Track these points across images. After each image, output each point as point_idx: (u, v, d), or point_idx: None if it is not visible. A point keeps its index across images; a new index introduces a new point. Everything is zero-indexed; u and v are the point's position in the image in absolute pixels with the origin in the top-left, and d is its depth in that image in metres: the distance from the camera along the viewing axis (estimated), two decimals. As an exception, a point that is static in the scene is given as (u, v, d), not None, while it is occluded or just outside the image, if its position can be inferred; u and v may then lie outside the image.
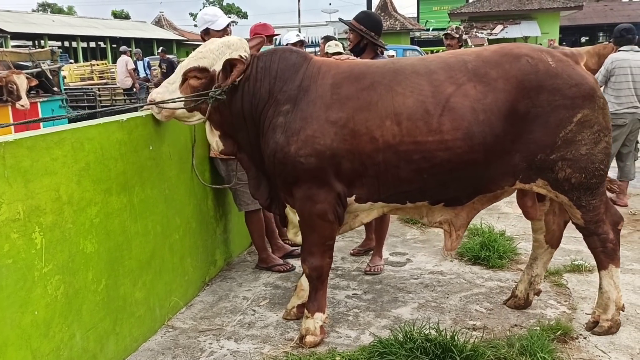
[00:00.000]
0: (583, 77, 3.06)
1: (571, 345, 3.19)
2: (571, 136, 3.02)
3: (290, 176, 3.12)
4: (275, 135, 3.09)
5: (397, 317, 3.60)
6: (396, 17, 38.06)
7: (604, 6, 41.69)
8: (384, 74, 3.10)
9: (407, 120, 2.97)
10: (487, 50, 3.17)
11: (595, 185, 3.13)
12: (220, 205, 4.43)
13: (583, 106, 3.01)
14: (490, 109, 2.96)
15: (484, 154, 3.00)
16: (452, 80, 3.01)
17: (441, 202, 3.28)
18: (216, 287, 4.17)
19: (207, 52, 3.20)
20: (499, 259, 4.38)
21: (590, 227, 3.23)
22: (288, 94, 3.12)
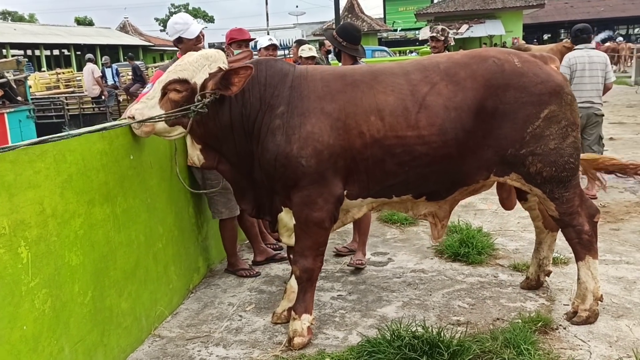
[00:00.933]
0: (550, 75, 3.22)
1: (552, 335, 3.29)
2: (539, 131, 3.19)
3: (291, 179, 3.16)
4: (275, 138, 3.13)
5: (383, 316, 3.66)
6: (363, 19, 38.34)
7: (564, 4, 42.74)
8: (364, 74, 3.27)
9: (389, 116, 3.12)
10: (459, 54, 3.39)
11: (566, 178, 3.28)
12: (201, 213, 4.43)
13: (550, 102, 3.18)
14: (460, 107, 3.14)
15: (457, 148, 3.17)
16: (427, 80, 3.19)
17: (423, 195, 3.43)
18: (200, 295, 4.17)
19: (187, 65, 3.18)
20: (477, 255, 4.48)
21: (565, 219, 3.36)
22: (281, 97, 3.18)
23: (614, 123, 11.28)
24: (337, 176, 3.18)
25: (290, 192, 3.22)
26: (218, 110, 3.18)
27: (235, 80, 3.09)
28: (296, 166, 3.11)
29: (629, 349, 3.07)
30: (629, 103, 14.20)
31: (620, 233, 4.92)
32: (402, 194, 3.38)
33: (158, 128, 3.19)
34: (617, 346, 3.13)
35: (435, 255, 4.66)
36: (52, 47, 37.66)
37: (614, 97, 15.68)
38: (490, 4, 30.63)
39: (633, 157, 7.98)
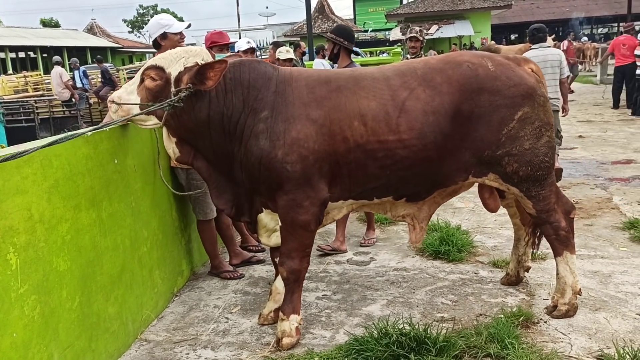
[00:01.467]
0: (522, 77, 3.32)
1: (533, 329, 3.39)
2: (514, 133, 3.28)
3: (275, 182, 3.18)
4: (259, 142, 3.14)
5: (369, 315, 3.71)
6: (334, 20, 38.47)
7: (530, 4, 43.59)
8: (347, 79, 3.30)
9: (372, 120, 3.17)
10: (434, 59, 3.46)
11: (542, 176, 3.38)
12: (184, 215, 4.42)
13: (523, 104, 3.28)
14: (438, 111, 3.22)
15: (436, 151, 3.24)
16: (406, 85, 3.26)
17: (404, 197, 3.48)
18: (185, 298, 4.16)
19: (167, 55, 3.22)
20: (458, 252, 4.57)
21: (542, 216, 3.47)
22: (265, 101, 3.18)
23: (582, 121, 11.58)
24: (322, 180, 3.21)
25: (275, 195, 3.24)
26: (194, 105, 3.15)
27: (210, 75, 3.06)
28: (281, 171, 3.13)
29: (608, 341, 3.18)
30: (595, 102, 14.57)
31: (594, 228, 5.07)
32: (383, 196, 3.43)
33: (132, 113, 3.19)
34: (596, 338, 3.24)
35: (416, 254, 4.74)
36: (17, 49, 36.82)
37: (581, 95, 16.10)
38: (459, 5, 31.08)
39: (602, 154, 8.26)
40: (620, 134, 9.80)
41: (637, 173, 7.03)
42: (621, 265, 4.23)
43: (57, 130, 13.17)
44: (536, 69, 3.49)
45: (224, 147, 3.26)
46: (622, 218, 5.28)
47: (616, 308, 3.57)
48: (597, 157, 8.08)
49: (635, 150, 8.43)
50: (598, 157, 8.13)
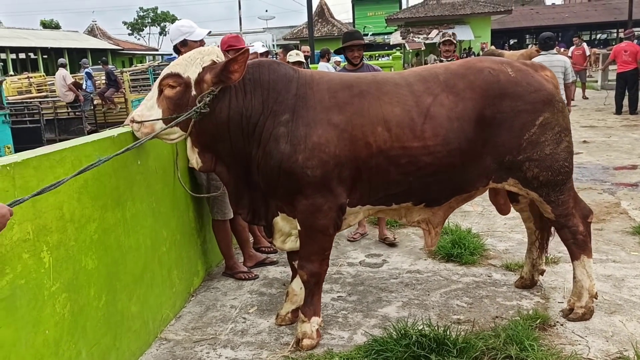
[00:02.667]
0: (541, 83, 3.37)
1: (550, 332, 3.43)
2: (535, 138, 3.32)
3: (295, 187, 3.17)
4: (279, 145, 3.12)
5: (385, 316, 3.75)
6: (334, 23, 38.62)
7: (530, 10, 43.79)
8: (369, 84, 3.29)
9: (396, 127, 3.17)
10: (454, 64, 3.47)
11: (562, 181, 3.42)
12: (201, 216, 4.46)
13: (543, 110, 3.32)
14: (461, 117, 3.23)
15: (460, 157, 3.25)
16: (429, 91, 3.27)
17: (423, 202, 3.49)
18: (201, 298, 4.20)
19: (180, 60, 3.19)
20: (470, 255, 4.61)
21: (560, 221, 3.51)
22: (285, 103, 3.16)
23: (585, 127, 11.65)
24: (341, 185, 3.20)
25: (294, 199, 3.24)
26: (215, 106, 3.13)
27: (235, 67, 3.04)
28: (302, 176, 3.12)
29: (625, 343, 3.22)
30: (597, 107, 14.65)
31: (604, 233, 5.12)
32: (403, 202, 3.43)
33: (157, 129, 3.16)
34: (613, 341, 3.28)
35: (428, 257, 4.78)
36: (18, 50, 36.78)
37: (583, 101, 16.18)
38: (459, 9, 31.21)
39: (607, 159, 8.32)
40: (624, 140, 9.87)
41: (643, 178, 7.09)
42: (633, 270, 4.27)
43: (62, 132, 13.19)
44: (551, 75, 3.53)
45: (242, 150, 3.24)
46: (632, 223, 5.33)
47: (631, 312, 3.62)
48: (603, 163, 8.14)
49: (639, 155, 8.50)
50: (603, 162, 8.19)
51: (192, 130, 3.14)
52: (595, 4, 43.72)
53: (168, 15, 65.24)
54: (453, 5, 31.46)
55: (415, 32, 30.73)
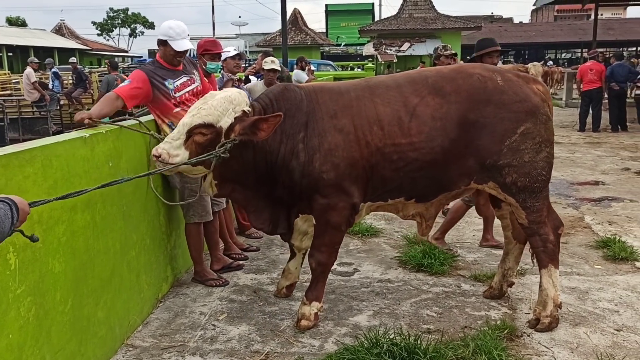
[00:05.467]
0: (528, 95, 3.51)
1: (517, 342, 3.48)
2: (515, 145, 3.46)
3: (313, 189, 3.46)
4: (299, 159, 3.42)
5: (356, 325, 3.75)
6: (307, 32, 38.64)
7: (499, 27, 44.77)
8: (364, 89, 3.57)
9: (388, 125, 3.42)
10: (446, 69, 3.70)
11: (538, 189, 3.55)
12: (171, 221, 4.39)
13: (526, 120, 3.47)
14: (445, 117, 3.44)
15: (442, 154, 3.45)
16: (417, 93, 3.49)
17: (413, 198, 3.68)
18: (170, 304, 4.13)
19: (211, 109, 3.30)
20: (440, 265, 4.65)
21: (533, 227, 3.61)
22: (299, 123, 3.45)
23: (550, 142, 11.89)
24: (352, 185, 3.47)
25: (312, 199, 3.52)
26: (242, 151, 3.37)
27: (264, 127, 3.27)
28: (319, 179, 3.41)
29: (590, 355, 3.29)
30: (562, 124, 15.01)
31: (569, 246, 5.23)
32: (396, 197, 3.66)
33: (181, 168, 3.34)
34: (578, 352, 3.35)
35: (399, 266, 4.81)
36: (-19, 47, 35.85)
37: (548, 118, 16.52)
38: (430, 24, 31.60)
39: (571, 175, 8.53)
40: (587, 156, 10.13)
41: (606, 194, 7.29)
42: (597, 283, 4.38)
43: (26, 131, 12.87)
44: (544, 90, 3.65)
45: (266, 177, 3.53)
46: (595, 237, 5.47)
47: (595, 323, 3.70)
48: (567, 178, 8.34)
49: (602, 172, 8.74)
50: (568, 177, 8.39)
51: (216, 168, 3.37)
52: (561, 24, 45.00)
53: (139, 17, 64.48)
54: (425, 20, 31.85)
55: (388, 44, 30.98)
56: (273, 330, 3.70)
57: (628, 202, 6.84)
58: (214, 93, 3.47)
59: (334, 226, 3.56)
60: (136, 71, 4.15)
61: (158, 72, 4.13)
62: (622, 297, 4.10)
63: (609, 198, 7.08)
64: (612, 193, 7.34)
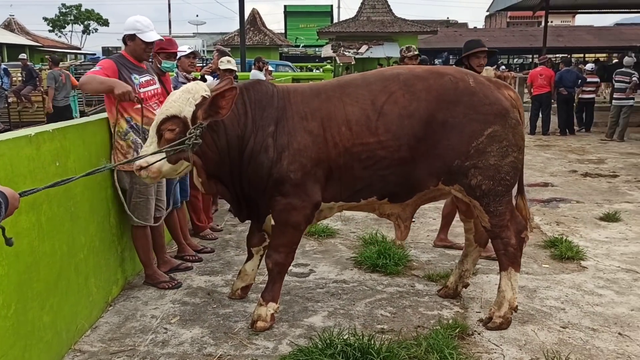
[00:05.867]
0: (498, 99, 3.56)
1: (468, 341, 3.54)
2: (482, 147, 3.50)
3: (278, 188, 3.46)
4: (268, 155, 3.42)
5: (311, 326, 3.74)
6: (265, 33, 38.52)
7: (454, 31, 45.55)
8: (334, 89, 3.57)
9: (356, 125, 3.43)
10: (420, 68, 3.75)
11: (501, 192, 3.58)
12: (122, 222, 4.28)
13: (494, 123, 3.50)
14: (413, 115, 3.46)
15: (410, 152, 3.47)
16: (386, 89, 3.50)
17: (385, 197, 3.68)
18: (120, 307, 4.03)
19: (171, 103, 3.40)
20: (395, 266, 4.69)
21: (495, 231, 3.66)
22: (270, 117, 3.47)
23: (502, 145, 12.19)
24: (316, 185, 3.49)
25: (272, 199, 3.52)
26: (214, 137, 3.42)
27: (223, 103, 3.30)
28: (286, 179, 3.42)
29: (537, 352, 3.38)
30: (514, 127, 15.39)
31: (519, 246, 5.35)
32: (368, 197, 3.66)
33: (165, 170, 3.41)
34: (526, 349, 3.43)
35: (354, 266, 4.83)
36: None
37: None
38: (388, 27, 31.95)
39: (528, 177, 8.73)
40: (537, 159, 10.42)
41: (554, 195, 7.51)
42: (544, 281, 4.50)
43: (-29, 130, 12.35)
44: (515, 96, 3.70)
45: (239, 167, 3.52)
46: (543, 237, 5.62)
47: (542, 321, 3.80)
48: (518, 180, 8.54)
49: (551, 174, 9.00)
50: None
51: (195, 161, 3.41)
52: (513, 30, 46.13)
53: (92, 14, 62.77)
54: (382, 23, 32.17)
55: (346, 47, 31.14)
56: (227, 332, 3.66)
57: (575, 203, 7.07)
58: (174, 92, 3.51)
59: (294, 226, 3.56)
60: (106, 60, 4.15)
61: (126, 65, 4.13)
62: (568, 295, 4.23)
63: (557, 199, 7.30)
64: (560, 194, 7.58)
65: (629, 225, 6.07)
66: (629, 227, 6.00)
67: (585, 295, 4.24)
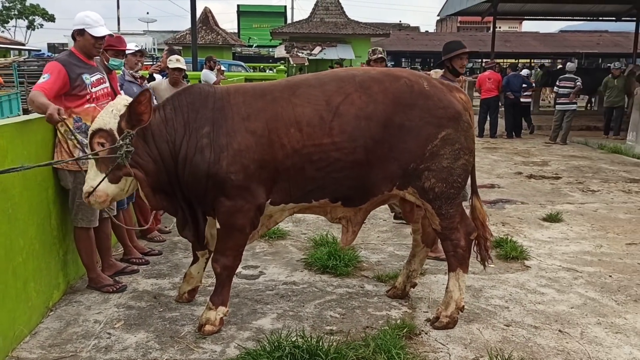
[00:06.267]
0: (451, 102, 3.60)
1: (416, 340, 3.59)
2: (436, 150, 3.53)
3: (219, 190, 3.39)
4: (204, 156, 3.34)
5: (259, 328, 3.71)
6: (218, 32, 38.06)
7: (406, 35, 46.27)
8: (283, 89, 3.50)
9: (307, 126, 3.38)
10: (375, 70, 3.73)
11: (453, 195, 3.63)
12: (64, 224, 4.14)
13: (448, 126, 3.55)
14: (370, 117, 3.44)
15: (365, 155, 3.44)
16: (342, 90, 3.47)
17: (339, 200, 3.64)
18: (62, 312, 3.89)
19: (97, 119, 3.44)
20: (345, 267, 4.71)
21: (445, 233, 3.72)
22: (205, 118, 3.39)
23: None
24: (260, 187, 3.42)
25: (217, 201, 3.44)
26: (145, 148, 3.39)
27: (141, 109, 3.30)
28: (226, 180, 3.34)
29: (481, 350, 3.45)
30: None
31: (466, 246, 5.46)
32: (320, 199, 3.60)
33: (111, 192, 3.42)
34: (471, 347, 3.50)
35: (304, 268, 4.82)
36: None
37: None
38: (341, 29, 32.15)
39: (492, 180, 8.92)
40: (485, 161, 10.68)
41: (501, 196, 7.71)
42: (490, 281, 4.61)
43: None
44: (466, 99, 3.75)
45: (176, 174, 3.45)
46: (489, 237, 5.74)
47: (487, 320, 3.89)
48: (466, 181, 8.73)
49: (498, 175, 9.24)
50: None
51: (136, 173, 3.36)
52: (463, 35, 47.15)
53: (37, 9, 60.65)
54: (336, 25, 32.34)
55: (300, 47, 31.15)
56: (173, 336, 3.58)
57: (519, 204, 7.28)
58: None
59: (239, 229, 3.50)
60: (52, 63, 3.98)
61: (75, 64, 3.99)
62: (512, 294, 4.35)
63: (502, 200, 7.50)
64: (505, 195, 7.78)
65: (570, 225, 6.29)
66: (570, 227, 6.22)
67: (528, 294, 4.36)
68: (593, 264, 5.05)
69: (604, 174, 9.37)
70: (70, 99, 3.93)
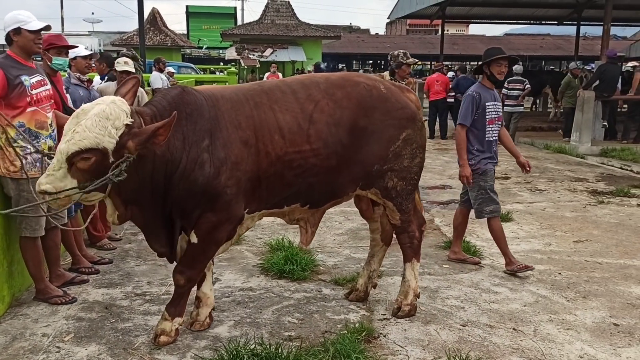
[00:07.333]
0: (407, 102, 3.73)
1: (375, 343, 3.59)
2: (398, 151, 3.66)
3: (210, 207, 3.24)
4: (204, 170, 3.17)
5: (216, 337, 3.63)
6: (167, 33, 37.41)
7: (357, 37, 46.70)
8: (260, 95, 3.44)
9: (289, 133, 3.37)
10: (334, 76, 3.75)
11: (411, 191, 3.83)
12: (8, 234, 3.96)
13: (407, 126, 3.68)
14: (338, 123, 3.50)
15: (336, 160, 3.51)
16: (311, 98, 3.49)
17: (308, 204, 3.66)
18: (7, 326, 3.71)
19: (85, 132, 2.88)
20: (302, 271, 4.68)
21: (403, 226, 3.88)
22: (203, 130, 3.21)
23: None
24: (242, 198, 3.33)
25: (201, 217, 3.28)
26: (138, 166, 3.03)
27: (161, 131, 2.92)
28: (221, 195, 3.22)
29: (439, 350, 3.49)
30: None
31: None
32: (293, 204, 3.60)
33: (75, 198, 3.00)
34: (429, 349, 3.53)
35: (261, 273, 4.76)
36: None
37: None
38: (292, 31, 32.15)
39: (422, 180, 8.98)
40: (436, 162, 10.86)
41: (453, 197, 7.84)
42: (445, 281, 4.67)
43: None
44: (415, 99, 3.86)
45: (162, 189, 3.20)
46: (443, 238, 5.86)
47: (444, 320, 3.93)
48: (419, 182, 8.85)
49: (450, 176, 9.40)
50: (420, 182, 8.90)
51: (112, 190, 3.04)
52: (412, 38, 48.01)
53: (-25, 7, 58.27)
54: (287, 27, 32.31)
55: (251, 49, 30.97)
56: (126, 348, 3.47)
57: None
58: (86, 108, 2.98)
59: (217, 243, 3.42)
60: None
61: (13, 66, 3.80)
62: (467, 294, 4.42)
63: (455, 201, 7.60)
64: (457, 196, 7.89)
65: (520, 224, 6.46)
66: (520, 226, 6.39)
67: (482, 293, 4.44)
68: (543, 262, 5.20)
69: (550, 174, 9.68)
70: (9, 103, 3.75)
